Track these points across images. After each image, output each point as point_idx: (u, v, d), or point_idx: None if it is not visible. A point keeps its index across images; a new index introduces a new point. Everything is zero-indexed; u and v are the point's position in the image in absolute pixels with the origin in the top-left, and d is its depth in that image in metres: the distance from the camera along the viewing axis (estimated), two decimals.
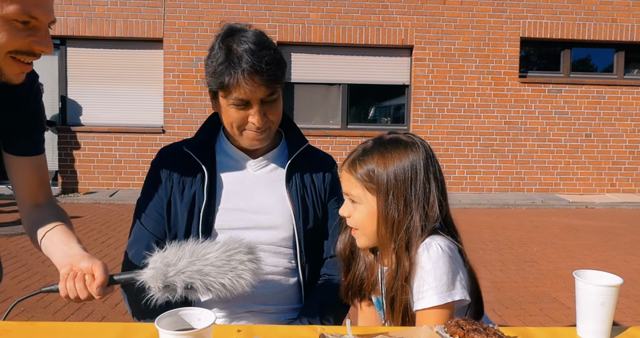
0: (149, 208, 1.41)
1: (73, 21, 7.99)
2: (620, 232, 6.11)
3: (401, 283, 1.14)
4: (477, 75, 8.44)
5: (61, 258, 1.19)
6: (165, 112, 8.22)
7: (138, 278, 1.11)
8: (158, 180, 1.42)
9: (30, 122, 1.33)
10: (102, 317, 3.25)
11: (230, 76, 1.25)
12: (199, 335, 0.83)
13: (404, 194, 1.16)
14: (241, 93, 1.27)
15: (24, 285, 3.80)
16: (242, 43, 1.26)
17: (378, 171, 1.17)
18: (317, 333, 0.98)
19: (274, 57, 1.28)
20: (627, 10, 8.49)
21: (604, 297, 1.04)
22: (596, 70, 8.96)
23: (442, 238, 1.16)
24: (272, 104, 1.33)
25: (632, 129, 8.68)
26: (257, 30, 1.33)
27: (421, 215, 1.15)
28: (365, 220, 1.21)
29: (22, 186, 1.35)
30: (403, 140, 1.22)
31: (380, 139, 1.24)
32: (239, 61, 1.24)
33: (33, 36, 1.07)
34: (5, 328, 1.09)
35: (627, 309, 3.50)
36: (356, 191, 1.21)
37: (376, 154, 1.20)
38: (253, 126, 1.32)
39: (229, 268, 1.10)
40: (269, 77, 1.26)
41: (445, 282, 1.10)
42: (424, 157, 1.18)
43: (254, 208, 1.41)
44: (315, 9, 8.23)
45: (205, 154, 1.42)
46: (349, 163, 1.24)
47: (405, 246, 1.15)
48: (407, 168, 1.17)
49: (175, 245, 1.12)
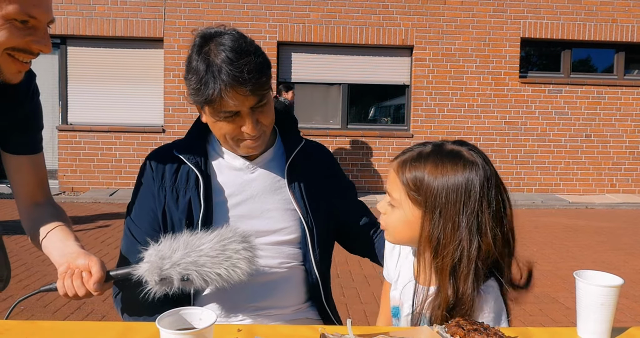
0: (142, 221, 1.34)
1: (73, 20, 7.99)
2: (620, 233, 6.11)
3: (442, 313, 1.05)
4: (477, 75, 8.44)
5: (59, 257, 1.19)
6: (166, 112, 8.22)
7: (134, 272, 1.11)
8: (149, 190, 1.36)
9: (28, 121, 1.33)
10: (102, 316, 3.25)
11: (213, 91, 1.18)
12: (200, 335, 0.83)
13: (453, 217, 1.04)
14: (228, 106, 1.21)
15: (24, 284, 3.80)
16: (219, 52, 1.19)
17: (427, 183, 1.07)
18: (317, 332, 0.98)
19: (255, 63, 1.20)
20: (627, 10, 8.49)
21: (604, 297, 1.03)
22: (596, 70, 8.96)
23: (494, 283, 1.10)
24: (263, 109, 1.27)
25: (632, 130, 8.68)
26: (234, 32, 1.24)
27: (473, 244, 1.04)
28: (397, 225, 1.13)
29: (20, 185, 1.35)
30: (464, 155, 1.09)
31: (440, 147, 1.12)
32: (219, 74, 1.17)
33: (32, 35, 1.07)
34: (6, 327, 1.09)
35: (626, 309, 3.50)
36: (397, 194, 1.11)
37: (430, 164, 1.08)
38: (247, 135, 1.27)
39: (224, 257, 1.09)
40: (253, 87, 1.19)
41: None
42: (482, 181, 1.06)
43: (255, 213, 1.36)
44: (315, 9, 8.23)
45: (197, 157, 1.35)
46: (400, 163, 1.13)
47: (450, 273, 1.05)
48: (461, 189, 1.05)
49: (169, 237, 1.11)
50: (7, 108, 1.27)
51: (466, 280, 1.04)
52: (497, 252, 1.06)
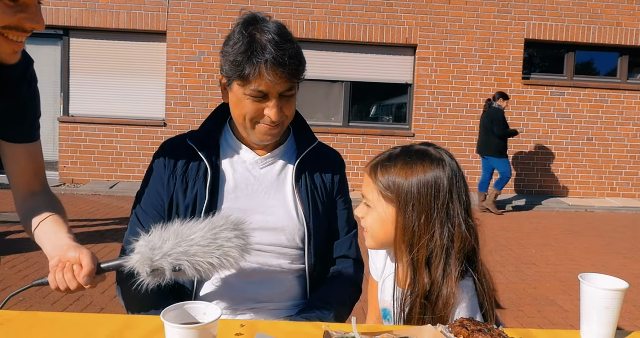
0: (149, 206, 1.35)
1: (76, 12, 7.96)
2: (619, 236, 6.11)
3: (420, 301, 1.11)
4: (480, 76, 8.42)
5: (51, 250, 1.17)
6: (167, 106, 8.21)
7: (125, 264, 1.09)
8: (160, 176, 1.36)
9: (24, 109, 1.31)
10: (100, 308, 3.25)
11: (253, 66, 1.20)
12: (204, 329, 0.82)
13: (425, 210, 1.12)
14: (261, 85, 1.22)
15: (23, 274, 3.80)
16: (265, 33, 1.22)
17: (399, 180, 1.15)
18: (321, 330, 0.98)
19: (296, 51, 1.25)
20: (632, 14, 8.48)
21: (609, 301, 1.03)
22: (599, 73, 8.95)
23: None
24: (289, 99, 1.29)
25: (634, 134, 8.67)
26: (279, 22, 1.29)
27: (444, 234, 1.12)
28: (375, 225, 1.19)
29: (16, 174, 1.33)
30: (431, 154, 1.18)
31: (408, 148, 1.21)
32: (263, 51, 1.20)
33: (23, 12, 1.05)
34: (7, 317, 1.09)
35: (625, 313, 3.51)
36: (372, 195, 1.19)
37: (400, 163, 1.17)
38: (268, 119, 1.27)
39: (215, 246, 1.07)
40: (290, 71, 1.23)
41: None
42: (449, 175, 1.14)
43: (259, 208, 1.35)
44: (319, 6, 8.21)
45: (209, 149, 1.36)
46: (372, 167, 1.21)
47: (426, 263, 1.12)
48: (431, 183, 1.13)
49: (159, 227, 1.10)
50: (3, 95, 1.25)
51: (442, 269, 1.11)
52: (472, 239, 1.15)
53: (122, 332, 1.04)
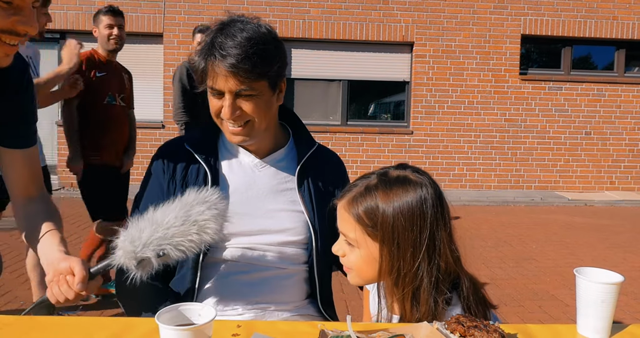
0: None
1: (73, 15, 7.96)
2: (619, 230, 6.11)
3: None
4: (477, 72, 8.42)
5: (46, 265, 1.18)
6: (165, 108, 8.21)
7: (112, 263, 1.11)
8: (159, 181, 1.36)
9: (21, 113, 1.31)
10: (100, 312, 3.26)
11: (205, 63, 1.24)
12: (199, 331, 0.83)
13: (411, 244, 1.04)
14: (214, 82, 1.24)
15: (24, 278, 3.80)
16: (228, 33, 1.23)
17: (382, 211, 1.05)
18: (317, 329, 0.98)
19: (260, 52, 1.21)
20: (628, 8, 8.47)
21: (604, 295, 1.03)
22: (597, 68, 8.96)
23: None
24: (249, 98, 1.26)
25: (632, 127, 8.67)
26: (261, 24, 1.27)
27: (432, 265, 1.05)
28: (362, 264, 1.10)
29: (13, 179, 1.33)
30: (411, 179, 1.08)
31: (385, 175, 1.11)
32: (217, 49, 1.21)
33: (17, 15, 1.05)
34: (5, 322, 1.09)
35: (625, 307, 3.51)
36: (354, 234, 1.08)
37: (380, 192, 1.07)
38: (226, 117, 1.28)
39: (190, 223, 1.08)
40: (243, 71, 1.20)
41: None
42: (434, 202, 1.06)
43: (260, 212, 1.35)
44: (315, 5, 8.21)
45: (207, 152, 1.36)
46: (349, 200, 1.10)
47: (412, 299, 1.05)
48: (416, 210, 1.04)
49: (134, 219, 1.11)
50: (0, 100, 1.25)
51: (428, 302, 1.04)
52: (457, 267, 1.08)
53: (121, 335, 1.04)
